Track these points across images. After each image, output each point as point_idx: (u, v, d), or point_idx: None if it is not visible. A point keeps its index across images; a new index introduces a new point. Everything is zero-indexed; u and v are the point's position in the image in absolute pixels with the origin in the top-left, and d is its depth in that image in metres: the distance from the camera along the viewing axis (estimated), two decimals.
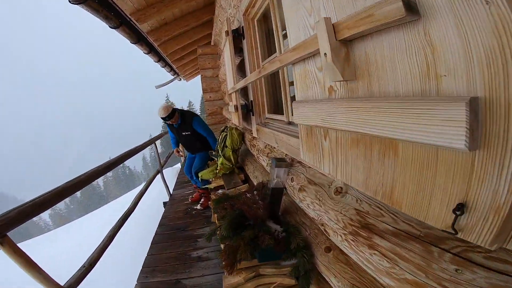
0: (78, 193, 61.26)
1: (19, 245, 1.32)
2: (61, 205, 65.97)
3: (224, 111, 5.20)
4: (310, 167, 1.24)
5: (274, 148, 1.80)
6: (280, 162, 1.37)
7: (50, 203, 1.49)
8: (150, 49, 4.39)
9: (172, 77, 9.56)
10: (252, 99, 2.13)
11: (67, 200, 64.50)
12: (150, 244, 2.90)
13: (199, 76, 12.69)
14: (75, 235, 7.72)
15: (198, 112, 41.53)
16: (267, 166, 2.05)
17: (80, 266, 1.79)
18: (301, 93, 0.95)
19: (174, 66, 7.06)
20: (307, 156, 0.98)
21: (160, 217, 3.61)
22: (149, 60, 5.46)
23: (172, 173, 7.27)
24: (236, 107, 2.24)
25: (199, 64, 5.21)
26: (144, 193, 3.51)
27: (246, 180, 2.89)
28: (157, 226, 3.33)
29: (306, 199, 1.25)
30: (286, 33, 1.05)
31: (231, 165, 2.85)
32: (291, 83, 1.74)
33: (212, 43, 5.33)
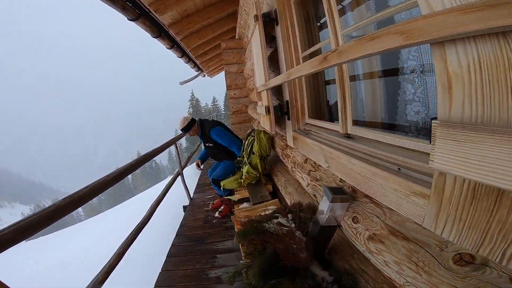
0: None
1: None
2: None
3: (249, 109, 4.84)
4: (392, 209, 0.80)
5: (320, 167, 1.37)
6: (337, 195, 0.95)
7: (38, 227, 1.20)
8: (173, 44, 4.15)
9: (196, 73, 9.45)
10: (287, 99, 1.72)
11: None
12: (165, 257, 2.63)
13: (223, 72, 12.64)
14: (103, 227, 7.89)
15: (221, 108, 41.74)
16: (308, 186, 1.62)
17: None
18: (467, 107, 0.46)
19: (197, 62, 6.82)
20: (461, 234, 0.53)
21: (179, 224, 3.35)
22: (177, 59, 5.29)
23: (194, 170, 7.05)
24: (267, 109, 1.83)
25: (223, 59, 4.88)
26: (161, 200, 3.25)
27: (275, 191, 2.51)
28: (174, 235, 3.07)
29: (384, 255, 0.83)
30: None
31: (257, 175, 2.48)
32: (352, 78, 1.30)
33: (236, 37, 4.98)
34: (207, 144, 3.08)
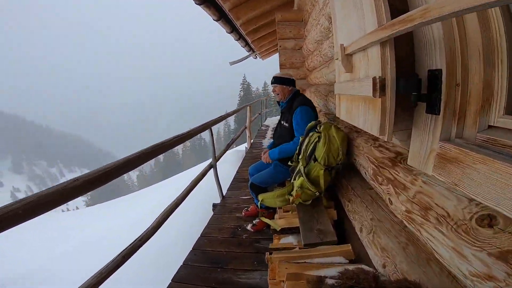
0: (161, 157, 70.90)
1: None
2: (146, 167, 78.02)
3: (307, 93, 3.86)
4: None
5: None
6: None
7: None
8: (220, 15, 3.50)
9: (247, 53, 8.68)
10: (435, 70, 0.66)
11: (151, 162, 75.59)
12: (170, 281, 1.96)
13: (276, 55, 11.67)
14: (151, 199, 7.95)
15: (272, 94, 40.84)
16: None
17: None
18: None
19: (248, 40, 6.04)
20: None
21: (202, 229, 2.67)
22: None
23: (238, 155, 6.34)
24: (378, 84, 0.72)
25: (277, 32, 3.93)
26: (186, 196, 2.58)
27: (340, 220, 1.57)
28: (193, 242, 2.40)
29: None
30: None
31: (316, 192, 1.56)
32: None
33: (295, 7, 3.97)
34: (282, 122, 2.26)
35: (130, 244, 1.59)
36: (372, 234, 1.18)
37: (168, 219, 2.33)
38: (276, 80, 2.19)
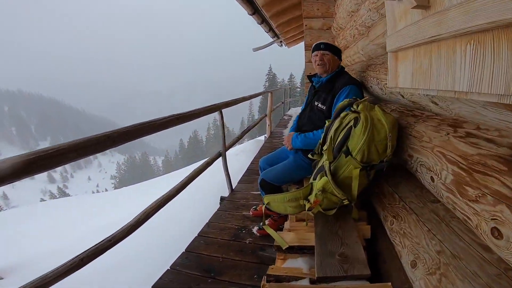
0: (185, 144, 72.88)
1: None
2: (172, 152, 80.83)
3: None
4: None
5: None
6: None
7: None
8: None
9: (272, 39, 8.14)
10: None
11: (176, 148, 78.05)
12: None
13: (302, 43, 11.02)
14: (172, 184, 7.96)
15: (298, 85, 39.75)
16: None
17: None
18: None
19: (272, 24, 5.53)
20: None
21: (203, 224, 2.31)
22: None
23: (256, 146, 5.87)
24: None
25: (303, 10, 3.42)
26: (188, 182, 2.22)
27: (374, 239, 1.11)
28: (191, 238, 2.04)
29: None
30: None
31: (345, 200, 1.07)
32: None
33: None
34: (316, 104, 1.69)
35: (95, 246, 1.24)
36: (438, 275, 0.70)
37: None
38: (328, 47, 1.66)
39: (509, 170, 0.54)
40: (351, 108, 1.02)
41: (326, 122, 1.30)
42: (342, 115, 1.03)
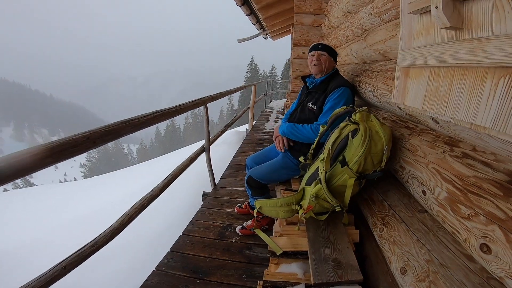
0: (162, 132, 70.57)
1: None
2: (147, 140, 77.93)
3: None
4: None
5: None
6: None
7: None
8: None
9: (257, 31, 8.05)
10: None
11: (153, 136, 75.35)
12: None
13: (287, 37, 10.96)
14: (148, 174, 7.67)
15: (279, 76, 39.68)
16: None
17: None
18: None
19: (260, 16, 5.46)
20: None
21: (187, 222, 2.27)
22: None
23: (238, 136, 5.79)
24: None
25: (295, 5, 3.37)
26: (172, 180, 2.15)
27: (361, 243, 1.16)
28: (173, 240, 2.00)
29: None
30: None
31: (337, 206, 1.10)
32: None
33: None
34: (308, 104, 1.71)
35: (76, 252, 1.17)
36: (427, 283, 0.75)
37: (148, 208, 1.92)
38: (326, 48, 1.68)
39: (505, 195, 0.58)
40: (350, 118, 1.03)
41: (321, 128, 1.32)
42: (341, 125, 1.03)
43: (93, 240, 1.28)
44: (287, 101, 7.79)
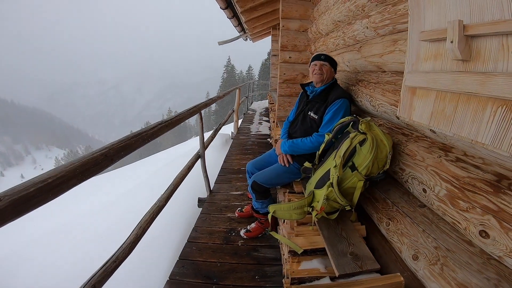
0: None
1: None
2: None
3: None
4: None
5: None
6: None
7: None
8: None
9: (238, 33, 8.13)
10: None
11: None
12: None
13: (266, 39, 11.10)
14: (126, 180, 7.38)
15: (256, 77, 39.90)
16: None
17: None
18: None
19: (242, 18, 5.54)
20: None
21: (190, 229, 2.31)
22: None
23: (220, 141, 5.83)
24: None
25: (282, 11, 3.49)
26: (174, 190, 2.17)
27: (368, 238, 1.31)
28: (179, 249, 2.04)
29: None
30: None
31: (347, 206, 1.25)
32: None
33: None
34: (309, 113, 1.83)
35: (101, 269, 1.20)
36: (439, 265, 0.90)
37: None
38: (328, 59, 1.79)
39: (495, 192, 0.74)
40: (359, 129, 1.17)
41: (326, 136, 1.45)
42: (351, 135, 1.17)
43: (114, 255, 1.31)
44: (270, 103, 7.92)
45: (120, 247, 1.39)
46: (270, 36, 9.91)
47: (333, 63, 1.79)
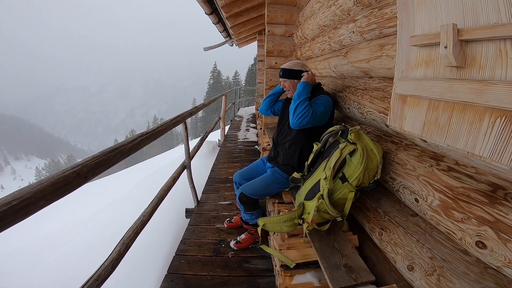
0: None
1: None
2: None
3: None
4: None
5: None
6: None
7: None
8: None
9: (224, 39, 8.10)
10: None
11: None
12: None
13: (252, 44, 11.14)
14: (112, 190, 7.13)
15: (242, 83, 39.92)
16: None
17: None
18: None
19: (228, 24, 5.52)
20: None
21: (177, 242, 2.21)
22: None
23: (207, 148, 5.71)
24: None
25: (267, 16, 3.48)
26: (159, 203, 2.07)
27: (360, 247, 1.28)
28: (168, 262, 1.94)
29: None
30: None
31: (338, 217, 1.21)
32: None
33: None
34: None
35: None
36: (436, 276, 0.87)
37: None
38: (285, 73, 1.74)
39: (490, 202, 0.72)
40: (348, 139, 1.14)
41: (315, 145, 1.42)
42: (341, 146, 1.13)
43: (95, 273, 1.21)
44: (257, 110, 7.88)
45: (102, 264, 1.29)
46: (256, 42, 9.95)
47: (293, 74, 1.73)
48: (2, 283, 2.75)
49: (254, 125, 7.76)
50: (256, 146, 5.35)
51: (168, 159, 8.53)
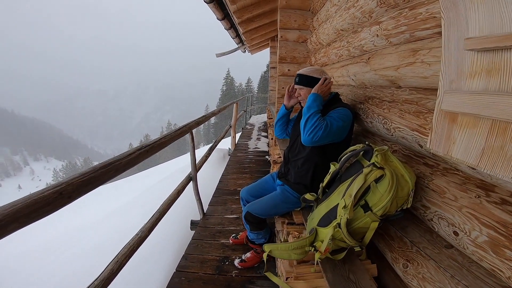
0: None
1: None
2: None
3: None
4: None
5: None
6: None
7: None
8: None
9: (236, 45, 8.09)
10: None
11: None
12: None
13: (265, 51, 11.09)
14: (124, 194, 7.26)
15: (255, 90, 40.03)
16: None
17: None
18: None
19: (240, 30, 5.48)
20: None
21: (179, 257, 2.08)
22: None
23: (217, 157, 5.59)
24: None
25: (280, 21, 3.37)
26: (160, 218, 1.94)
27: (378, 277, 1.10)
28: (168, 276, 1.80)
29: None
30: None
31: (357, 247, 1.04)
32: None
33: None
34: None
35: None
36: None
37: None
38: (302, 80, 1.55)
39: None
40: (375, 163, 0.96)
41: (332, 165, 1.25)
42: (365, 171, 0.96)
43: None
44: (269, 118, 7.73)
45: (92, 283, 1.17)
46: (268, 48, 9.91)
47: (311, 83, 1.53)
48: (7, 284, 2.80)
49: (265, 134, 7.61)
50: (267, 157, 5.19)
51: (180, 165, 8.53)
